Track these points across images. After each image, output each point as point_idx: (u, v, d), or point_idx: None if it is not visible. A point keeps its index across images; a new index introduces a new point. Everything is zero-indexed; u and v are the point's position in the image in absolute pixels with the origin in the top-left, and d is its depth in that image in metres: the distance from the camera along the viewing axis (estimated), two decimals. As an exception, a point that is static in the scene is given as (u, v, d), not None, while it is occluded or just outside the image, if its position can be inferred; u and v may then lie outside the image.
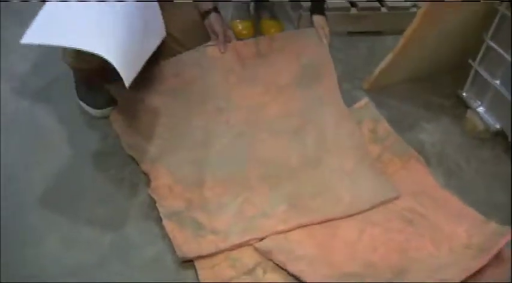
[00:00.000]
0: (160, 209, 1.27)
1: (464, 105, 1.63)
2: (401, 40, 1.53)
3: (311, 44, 1.67)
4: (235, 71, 1.64)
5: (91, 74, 1.48)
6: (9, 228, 1.24)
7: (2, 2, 1.95)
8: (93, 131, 1.50)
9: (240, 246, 1.22)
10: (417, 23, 1.49)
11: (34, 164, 1.39)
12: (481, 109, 1.55)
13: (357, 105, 1.59)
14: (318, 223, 1.27)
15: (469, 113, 1.59)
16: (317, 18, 1.71)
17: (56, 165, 1.39)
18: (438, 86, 1.75)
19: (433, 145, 1.56)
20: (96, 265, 1.19)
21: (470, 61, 1.55)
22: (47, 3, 1.21)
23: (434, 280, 1.13)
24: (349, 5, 1.89)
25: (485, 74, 1.50)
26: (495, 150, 1.55)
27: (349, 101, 1.64)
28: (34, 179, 1.35)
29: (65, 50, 1.45)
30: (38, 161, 1.40)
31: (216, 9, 1.66)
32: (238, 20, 1.87)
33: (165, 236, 1.25)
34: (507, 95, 1.43)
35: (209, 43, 1.66)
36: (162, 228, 1.26)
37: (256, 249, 1.22)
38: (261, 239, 1.23)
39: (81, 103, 1.54)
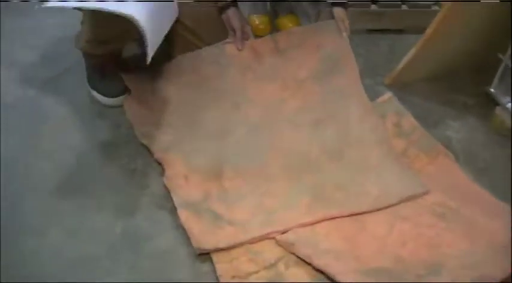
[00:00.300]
0: (175, 198, 1.20)
1: (491, 103, 1.56)
2: (425, 34, 1.47)
3: (330, 37, 1.60)
4: (252, 69, 1.57)
5: (105, 60, 1.44)
6: (14, 217, 1.17)
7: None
8: (105, 120, 1.44)
9: (260, 239, 1.14)
10: (442, 16, 1.43)
11: (43, 153, 1.33)
12: (510, 105, 1.47)
13: (380, 99, 1.52)
14: (346, 216, 1.19)
15: (497, 110, 1.52)
16: (337, 11, 1.65)
17: (66, 155, 1.33)
18: (461, 84, 1.68)
19: (460, 142, 1.48)
20: (105, 256, 1.12)
21: (500, 55, 1.49)
22: None
23: (472, 278, 1.05)
24: (369, 1, 1.83)
25: (516, 68, 1.43)
26: (525, 148, 1.47)
27: (372, 96, 1.56)
28: (43, 168, 1.29)
29: (80, 35, 1.40)
30: (47, 150, 1.34)
31: (234, 4, 1.60)
32: (255, 15, 1.82)
33: (179, 227, 1.17)
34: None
35: (227, 40, 1.60)
36: (176, 219, 1.18)
37: (278, 243, 1.14)
38: (283, 232, 1.15)
39: (93, 92, 1.48)
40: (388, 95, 1.52)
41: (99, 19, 1.28)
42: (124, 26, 1.16)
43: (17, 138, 1.36)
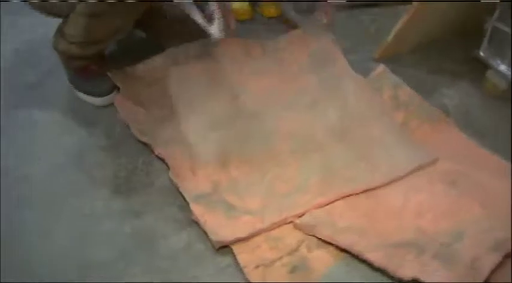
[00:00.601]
0: (185, 193, 1.16)
1: (482, 67, 1.57)
2: (413, 5, 1.45)
3: (316, 38, 1.61)
4: (247, 64, 1.54)
5: (91, 61, 1.36)
6: (17, 224, 1.11)
7: None
8: (98, 121, 1.38)
9: (278, 224, 1.11)
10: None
11: (38, 160, 1.27)
12: (502, 67, 1.48)
13: (374, 73, 1.51)
14: (359, 193, 1.17)
15: (488, 73, 1.52)
16: None
17: (61, 159, 1.28)
18: (450, 51, 1.68)
19: (457, 108, 1.48)
20: (118, 259, 1.07)
21: (487, 17, 1.49)
22: None
23: (490, 241, 1.05)
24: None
25: (505, 29, 1.43)
26: (520, 108, 1.49)
27: (363, 71, 1.55)
28: (40, 174, 1.22)
29: (61, 37, 1.33)
30: (41, 157, 1.28)
31: None
32: (236, 2, 1.78)
33: (192, 223, 1.13)
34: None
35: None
36: (187, 214, 1.15)
37: (296, 226, 1.11)
38: (300, 215, 1.13)
39: (80, 93, 1.41)
40: (381, 67, 1.51)
41: (98, 17, 1.22)
42: (120, 21, 1.11)
43: (7, 146, 1.29)
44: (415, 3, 1.46)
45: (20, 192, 1.18)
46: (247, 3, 1.78)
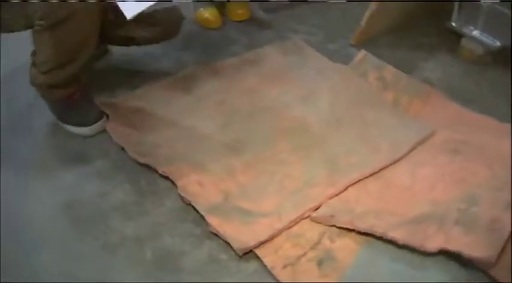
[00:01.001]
0: (197, 207, 1.14)
1: (455, 37, 1.61)
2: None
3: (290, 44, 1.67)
4: (222, 73, 1.55)
5: (71, 90, 1.34)
6: (33, 269, 1.07)
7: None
8: (90, 151, 1.34)
9: (296, 221, 1.11)
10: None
11: (36, 200, 1.22)
12: (476, 33, 1.52)
13: (356, 59, 1.54)
14: (367, 177, 1.18)
15: (463, 41, 1.57)
16: None
17: (62, 196, 1.23)
18: (422, 27, 1.73)
19: (440, 80, 1.52)
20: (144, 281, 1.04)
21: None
22: None
23: (503, 202, 1.08)
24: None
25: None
26: (501, 69, 1.53)
27: (345, 59, 1.58)
28: (43, 216, 1.18)
29: (35, 70, 1.30)
30: (39, 196, 1.23)
31: None
32: (202, 9, 1.77)
33: (210, 235, 1.12)
34: (502, 8, 1.41)
35: None
36: (203, 228, 1.13)
37: (314, 220, 1.11)
38: (316, 208, 1.13)
39: (67, 126, 1.38)
40: (362, 52, 1.54)
41: (60, 26, 1.18)
42: (83, 28, 1.16)
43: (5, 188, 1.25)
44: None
45: (31, 235, 1.15)
46: (215, 10, 1.77)
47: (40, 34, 1.21)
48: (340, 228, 1.09)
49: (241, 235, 1.08)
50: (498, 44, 1.48)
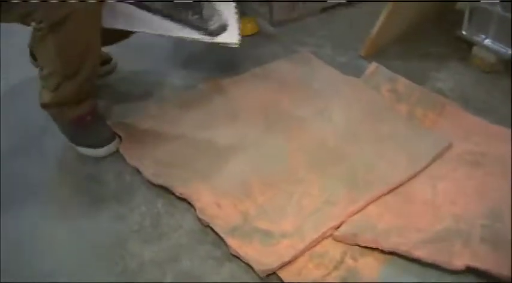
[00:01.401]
0: (216, 229, 1.13)
1: (466, 45, 1.60)
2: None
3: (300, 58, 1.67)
4: (233, 87, 1.55)
5: (84, 112, 1.34)
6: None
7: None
8: (104, 172, 1.33)
9: (318, 240, 1.09)
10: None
11: (48, 223, 1.20)
12: (487, 41, 1.51)
13: (368, 71, 1.53)
14: (387, 193, 1.17)
15: (474, 50, 1.56)
16: None
17: (78, 220, 1.21)
18: (431, 36, 1.72)
19: (453, 90, 1.51)
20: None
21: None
22: None
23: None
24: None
25: (485, 5, 1.47)
26: (512, 77, 1.52)
27: (355, 71, 1.57)
28: (60, 242, 1.17)
29: (44, 91, 1.30)
30: (53, 219, 1.21)
31: None
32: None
33: (231, 256, 1.10)
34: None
35: None
36: (223, 249, 1.11)
37: (337, 238, 1.09)
38: (337, 227, 1.11)
39: (80, 148, 1.37)
40: (374, 65, 1.53)
41: (60, 27, 1.17)
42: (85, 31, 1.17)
43: (11, 219, 1.23)
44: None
45: (46, 263, 1.13)
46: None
47: (43, 40, 1.19)
48: (362, 246, 1.08)
49: (262, 257, 1.06)
50: (510, 52, 1.47)
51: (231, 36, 1.40)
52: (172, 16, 1.42)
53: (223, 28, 1.43)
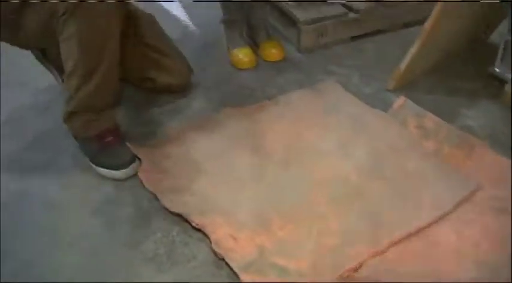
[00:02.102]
0: (231, 264, 1.10)
1: (497, 82, 1.55)
2: (424, 30, 1.45)
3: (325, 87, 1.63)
4: (257, 115, 1.53)
5: (106, 130, 1.36)
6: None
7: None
8: (121, 197, 1.31)
9: (337, 280, 1.05)
10: (439, 9, 1.41)
11: (63, 247, 1.19)
12: (521, 79, 1.47)
13: (395, 105, 1.49)
14: (411, 234, 1.13)
15: (507, 87, 1.51)
16: None
17: (92, 244, 1.20)
18: (462, 70, 1.68)
19: (483, 128, 1.46)
20: None
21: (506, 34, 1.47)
22: None
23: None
24: (346, 10, 1.81)
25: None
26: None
27: (382, 103, 1.54)
28: (73, 263, 1.15)
29: (67, 105, 1.32)
30: (66, 244, 1.20)
31: None
32: (235, 49, 1.75)
33: (245, 292, 1.07)
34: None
35: None
36: (238, 283, 1.08)
37: (356, 281, 1.05)
38: (356, 268, 1.07)
39: (99, 169, 1.36)
40: (402, 99, 1.49)
41: (82, 18, 1.21)
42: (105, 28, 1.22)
43: (27, 236, 1.22)
44: (426, 27, 1.44)
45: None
46: (249, 50, 1.76)
47: (65, 28, 1.23)
48: (382, 290, 1.04)
49: (279, 295, 1.03)
50: (544, 92, 1.42)
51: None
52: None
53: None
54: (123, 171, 1.34)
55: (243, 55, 1.74)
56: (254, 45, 1.81)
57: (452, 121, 1.47)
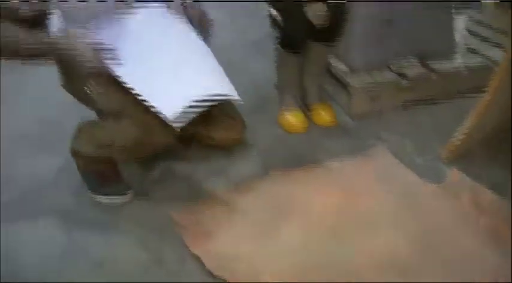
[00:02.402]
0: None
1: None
2: (482, 101, 1.42)
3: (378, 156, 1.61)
4: (306, 183, 1.52)
5: (107, 167, 1.45)
6: None
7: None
8: (167, 255, 1.31)
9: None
10: (498, 78, 1.39)
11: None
12: None
13: (449, 179, 1.45)
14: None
15: None
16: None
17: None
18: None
19: (543, 207, 1.38)
20: None
21: None
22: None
23: None
24: (398, 76, 1.80)
25: None
26: None
27: (434, 176, 1.50)
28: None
29: (82, 139, 1.39)
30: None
31: None
32: (287, 113, 1.77)
33: None
34: None
35: None
36: None
37: None
38: None
39: (99, 197, 1.46)
40: (455, 172, 1.45)
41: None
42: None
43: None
44: (486, 97, 1.41)
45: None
46: (301, 113, 1.76)
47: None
48: None
49: None
50: None
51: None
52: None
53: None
54: (121, 197, 1.45)
55: (295, 120, 1.75)
56: (305, 108, 1.82)
57: (509, 198, 1.41)
